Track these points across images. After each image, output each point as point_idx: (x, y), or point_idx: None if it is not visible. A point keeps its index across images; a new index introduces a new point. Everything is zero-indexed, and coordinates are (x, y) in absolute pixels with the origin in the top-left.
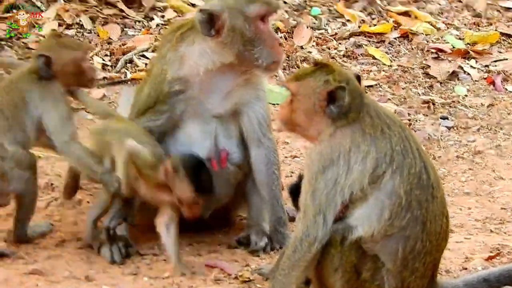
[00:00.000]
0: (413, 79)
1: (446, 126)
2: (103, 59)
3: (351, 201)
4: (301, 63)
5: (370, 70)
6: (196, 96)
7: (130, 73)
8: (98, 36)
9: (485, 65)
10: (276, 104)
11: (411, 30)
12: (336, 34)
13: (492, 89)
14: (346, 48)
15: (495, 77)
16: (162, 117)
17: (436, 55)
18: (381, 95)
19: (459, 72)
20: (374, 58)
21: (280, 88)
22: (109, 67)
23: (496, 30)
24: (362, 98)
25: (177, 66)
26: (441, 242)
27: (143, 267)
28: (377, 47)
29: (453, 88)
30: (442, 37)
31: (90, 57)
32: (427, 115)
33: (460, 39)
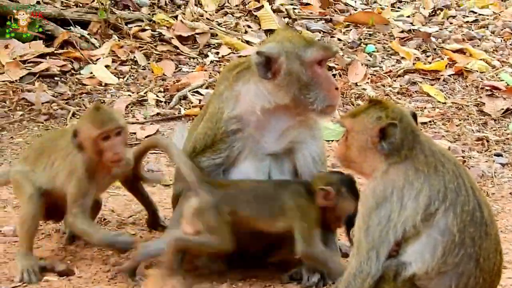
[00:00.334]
0: (467, 116)
1: (500, 163)
2: (157, 95)
3: (404, 238)
4: (356, 100)
5: (425, 107)
6: (253, 135)
7: (184, 110)
8: (153, 73)
9: None
10: (331, 141)
11: (466, 68)
12: (391, 71)
13: None
14: (401, 85)
15: None
16: (221, 156)
17: (491, 93)
18: (435, 132)
19: None
20: (429, 96)
21: (335, 125)
22: (163, 103)
23: None
24: (416, 136)
25: (233, 105)
26: (495, 279)
27: None
28: (432, 85)
29: (507, 125)
30: (497, 75)
31: (144, 94)
32: (481, 152)
33: None
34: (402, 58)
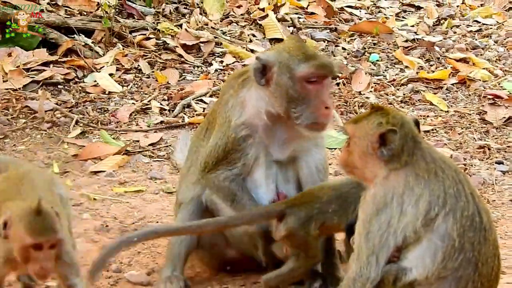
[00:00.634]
0: (470, 125)
1: (501, 171)
2: (161, 104)
3: (405, 244)
4: (359, 109)
5: (427, 116)
6: (263, 140)
7: (188, 118)
8: (157, 81)
9: None
10: (333, 149)
11: (469, 77)
12: (394, 80)
13: None
14: (404, 94)
15: None
16: (237, 166)
17: (493, 101)
18: (438, 140)
19: None
20: (432, 104)
21: (337, 133)
22: (167, 112)
23: None
24: (417, 142)
25: (240, 112)
26: (493, 284)
27: None
28: (435, 93)
29: (509, 134)
30: (499, 84)
31: (148, 102)
32: (483, 160)
33: None
34: (406, 67)
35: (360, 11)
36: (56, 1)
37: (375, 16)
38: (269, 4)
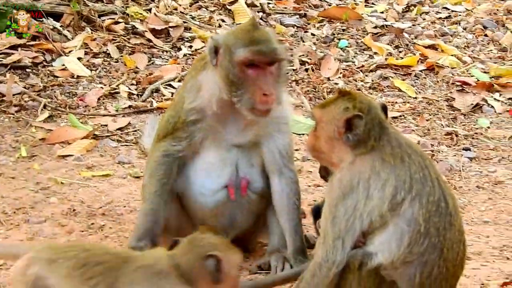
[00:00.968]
0: (438, 111)
1: (468, 157)
2: (129, 88)
3: (371, 229)
4: (328, 95)
5: (396, 102)
6: (214, 126)
7: (156, 102)
8: (125, 65)
9: (509, 98)
10: (301, 135)
11: (437, 63)
12: (363, 66)
13: None
14: (373, 80)
15: None
16: (182, 144)
17: (461, 88)
18: (406, 127)
19: (483, 105)
20: (400, 90)
21: (305, 119)
22: (135, 96)
23: None
24: (383, 127)
25: (194, 95)
26: (457, 269)
27: None
28: (403, 80)
29: (477, 120)
30: (468, 70)
31: (116, 86)
32: (450, 146)
33: (485, 73)
34: (375, 53)
35: None
36: None
37: (345, 2)
38: None
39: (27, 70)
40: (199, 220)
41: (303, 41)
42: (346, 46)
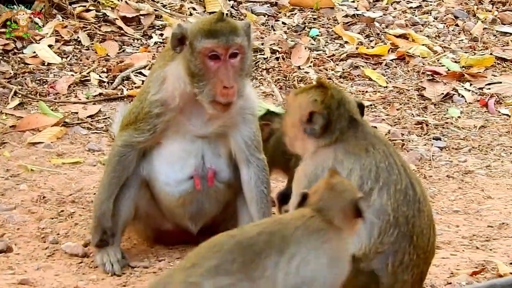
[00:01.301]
0: (408, 101)
1: (438, 147)
2: (100, 76)
3: None
4: (298, 83)
5: (366, 91)
6: (177, 118)
7: (127, 90)
8: (96, 53)
9: (479, 88)
10: None
11: (408, 53)
12: (334, 55)
13: (485, 111)
14: (343, 69)
15: (489, 100)
16: (144, 135)
17: (432, 78)
18: (376, 116)
19: (454, 94)
20: (371, 80)
21: (276, 107)
22: (106, 84)
23: (491, 54)
24: (353, 122)
25: (158, 87)
26: (429, 255)
27: (133, 279)
28: (374, 69)
29: (447, 110)
30: (438, 60)
31: (87, 74)
32: (420, 136)
33: (456, 62)
34: (346, 43)
35: None
36: None
37: None
38: None
39: None
40: (166, 208)
41: (274, 30)
42: (317, 35)
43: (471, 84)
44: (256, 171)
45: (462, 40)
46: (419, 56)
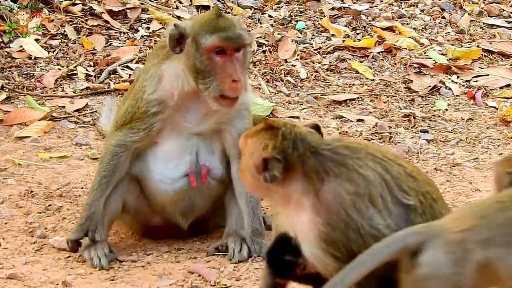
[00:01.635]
0: (395, 93)
1: (426, 139)
2: (87, 70)
3: None
4: (285, 76)
5: (353, 84)
6: (173, 116)
7: (114, 84)
8: (83, 47)
9: (466, 80)
10: None
11: (395, 45)
12: (321, 48)
13: (472, 104)
14: (330, 62)
15: (476, 92)
16: (139, 135)
17: (419, 70)
18: (363, 109)
19: (441, 87)
20: (357, 72)
21: (263, 101)
22: (93, 78)
23: (478, 47)
24: (317, 155)
25: (155, 86)
26: None
27: (121, 273)
28: (361, 62)
29: (434, 103)
30: (425, 53)
31: (74, 68)
32: (408, 129)
33: (443, 55)
34: (332, 35)
35: None
36: None
37: None
38: None
39: None
40: (159, 205)
41: (261, 23)
42: (304, 28)
43: (458, 77)
44: None
45: (449, 33)
46: (406, 49)
